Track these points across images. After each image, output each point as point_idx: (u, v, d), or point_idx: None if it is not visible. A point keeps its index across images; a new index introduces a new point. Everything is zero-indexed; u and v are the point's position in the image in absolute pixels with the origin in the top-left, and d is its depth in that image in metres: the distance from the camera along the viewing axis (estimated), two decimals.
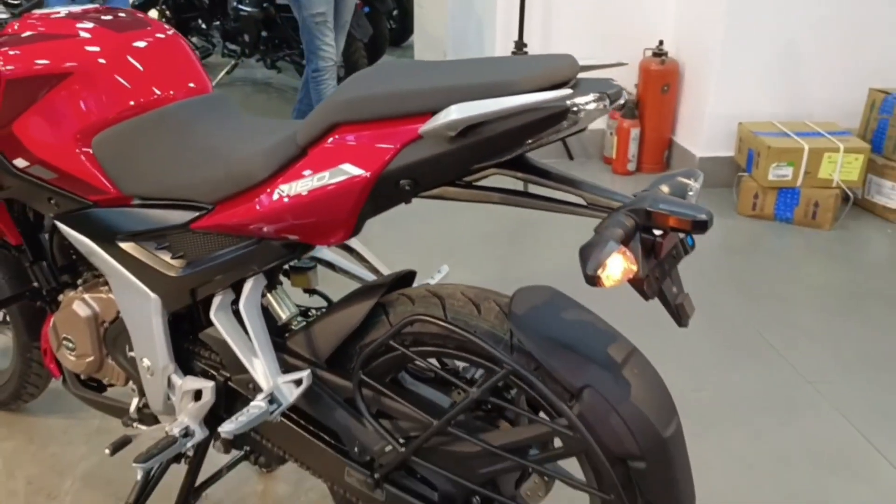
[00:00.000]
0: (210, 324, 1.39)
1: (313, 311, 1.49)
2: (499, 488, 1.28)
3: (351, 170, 1.09)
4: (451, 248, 2.96)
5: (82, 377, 1.66)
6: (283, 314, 1.45)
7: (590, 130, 4.45)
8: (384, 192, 1.11)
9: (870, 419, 2.19)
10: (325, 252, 1.56)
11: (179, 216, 1.33)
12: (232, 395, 1.46)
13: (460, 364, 1.44)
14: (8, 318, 1.94)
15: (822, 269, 3.16)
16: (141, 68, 1.43)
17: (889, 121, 3.58)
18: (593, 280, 0.93)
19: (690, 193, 1.09)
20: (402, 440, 1.26)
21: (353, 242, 1.54)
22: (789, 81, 3.85)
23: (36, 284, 1.68)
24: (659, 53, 4.10)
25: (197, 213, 1.30)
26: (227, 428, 1.21)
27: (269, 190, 1.19)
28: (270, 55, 5.52)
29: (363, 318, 1.29)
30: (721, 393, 2.29)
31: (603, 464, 1.10)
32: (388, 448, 1.28)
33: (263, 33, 5.42)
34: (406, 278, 1.38)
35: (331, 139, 1.12)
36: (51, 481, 1.86)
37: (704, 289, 2.91)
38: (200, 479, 1.65)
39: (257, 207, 1.21)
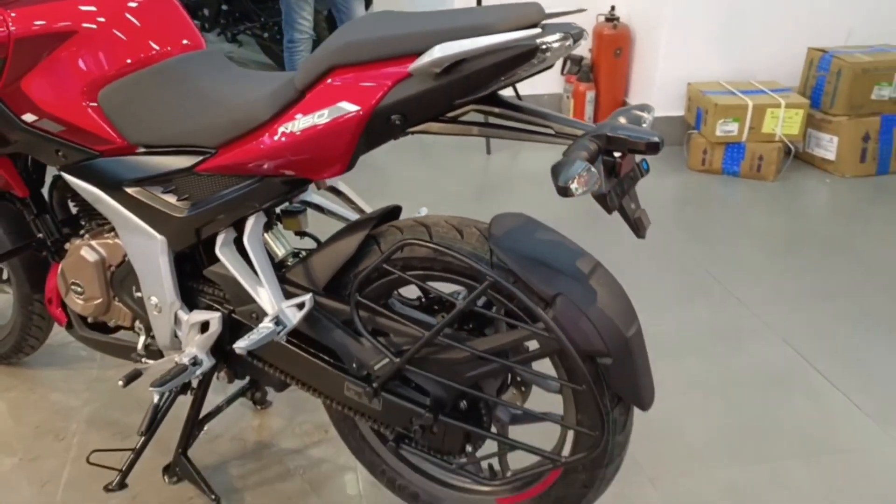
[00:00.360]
0: (213, 262, 1.52)
1: (303, 253, 1.63)
2: (482, 390, 1.44)
3: (347, 107, 1.23)
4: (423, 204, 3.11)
5: (90, 320, 1.78)
6: (280, 251, 1.59)
7: (548, 95, 4.64)
8: (377, 127, 1.25)
9: (809, 344, 2.41)
10: (314, 196, 1.70)
11: (184, 161, 1.45)
12: (236, 327, 1.59)
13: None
14: (6, 276, 2.04)
15: (765, 217, 3.38)
16: (139, 25, 1.54)
17: (826, 78, 3.81)
18: (564, 191, 1.09)
19: (644, 124, 1.25)
20: (395, 353, 1.41)
21: (341, 185, 1.68)
22: (735, 43, 4.05)
23: (41, 236, 1.79)
24: (611, 19, 4.27)
25: (201, 157, 1.43)
26: (241, 345, 1.35)
27: (270, 131, 1.33)
28: (231, 29, 5.57)
29: (356, 248, 1.44)
30: (677, 327, 2.49)
31: (575, 360, 1.26)
32: (384, 361, 1.43)
33: (224, 7, 5.47)
34: (393, 213, 1.53)
35: (328, 80, 1.26)
36: (57, 425, 1.98)
37: (659, 237, 3.11)
38: (203, 414, 1.79)
39: (259, 148, 1.34)
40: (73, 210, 1.79)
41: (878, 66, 3.70)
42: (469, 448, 1.46)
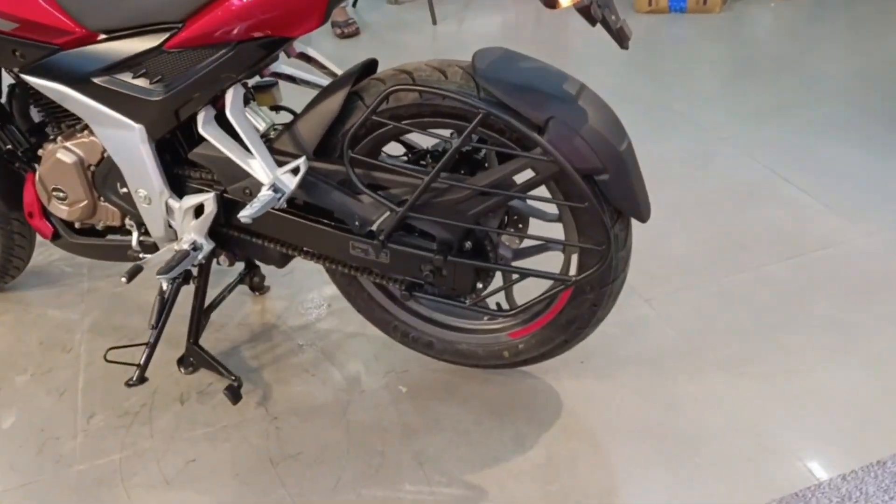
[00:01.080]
0: (197, 144, 1.51)
1: (279, 127, 1.61)
2: (481, 224, 1.48)
3: None
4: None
5: (77, 226, 1.76)
6: (261, 125, 1.58)
7: None
8: None
9: (774, 157, 2.49)
10: (284, 66, 1.67)
11: (151, 41, 1.41)
12: (229, 208, 1.59)
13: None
14: None
15: (715, 47, 3.43)
16: None
17: None
18: (553, 2, 1.10)
19: None
20: (396, 204, 1.43)
21: (311, 51, 1.65)
22: None
23: (10, 147, 1.74)
24: None
25: (168, 34, 1.39)
26: (246, 213, 1.36)
27: None
28: None
29: (340, 106, 1.43)
30: (648, 160, 2.51)
31: (575, 179, 1.30)
32: (386, 214, 1.45)
33: None
34: (370, 67, 1.52)
35: None
36: (61, 338, 1.98)
37: (615, 79, 3.14)
38: (206, 304, 1.80)
39: (228, 11, 1.31)
40: (38, 117, 1.73)
41: None
42: (479, 285, 1.51)
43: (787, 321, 1.84)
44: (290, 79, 1.68)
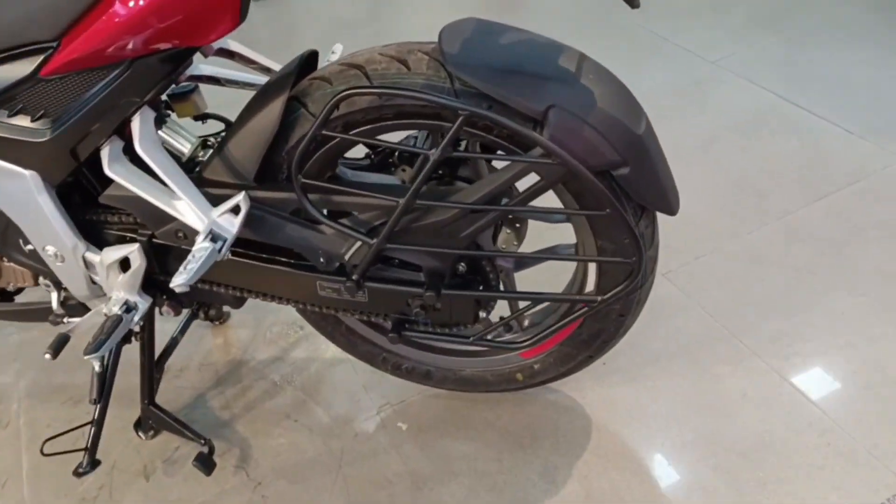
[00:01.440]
0: (108, 183, 1.20)
1: (212, 140, 1.31)
2: (481, 247, 1.21)
3: None
4: (324, 39, 2.72)
5: None
6: (185, 147, 1.27)
7: None
8: None
9: (774, 77, 2.21)
10: (203, 67, 1.35)
11: (21, 67, 1.08)
12: (162, 253, 1.29)
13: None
14: None
15: None
16: None
17: None
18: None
19: None
20: (368, 233, 1.15)
21: (233, 45, 1.33)
22: None
23: None
24: None
25: (42, 56, 1.06)
26: (180, 281, 1.06)
27: None
28: None
29: (279, 117, 1.12)
30: (639, 96, 2.26)
31: (589, 180, 1.02)
32: (356, 245, 1.17)
33: None
34: (310, 62, 1.21)
35: None
36: None
37: (591, 15, 2.81)
38: (157, 352, 1.52)
39: (114, 23, 0.99)
40: None
41: None
42: (483, 314, 1.24)
43: (831, 279, 1.60)
44: (214, 80, 1.36)
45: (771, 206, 1.80)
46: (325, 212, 1.16)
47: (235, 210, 1.12)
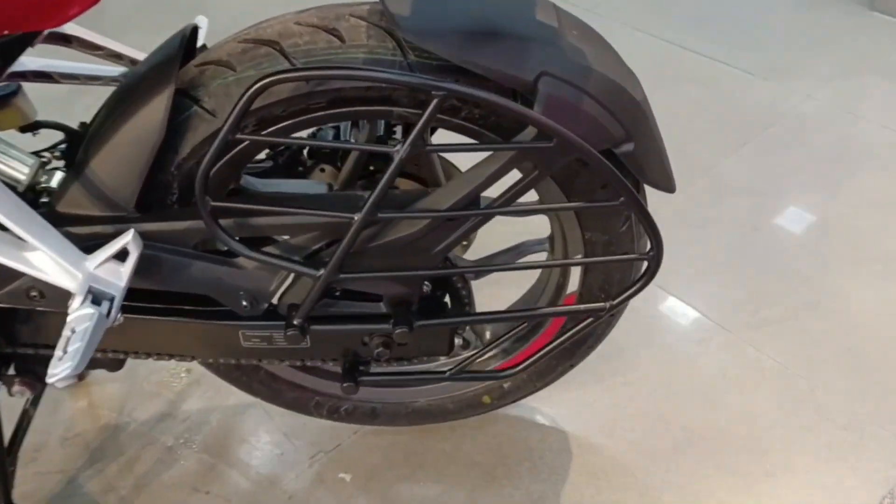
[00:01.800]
0: None
1: (48, 156, 0.96)
2: (454, 262, 0.96)
3: None
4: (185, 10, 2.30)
5: None
6: (21, 173, 0.92)
7: None
8: None
9: (660, 24, 2.09)
10: (26, 61, 0.99)
11: None
12: (7, 316, 0.95)
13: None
14: None
15: None
16: None
17: None
18: None
19: None
20: (307, 260, 0.87)
21: (69, 27, 0.98)
22: None
23: None
24: None
25: None
26: (64, 369, 0.74)
27: None
28: None
29: (165, 119, 0.81)
30: None
31: (597, 160, 0.79)
32: (289, 279, 0.89)
33: None
34: (192, 41, 0.90)
35: None
36: None
37: None
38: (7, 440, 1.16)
39: None
40: None
41: None
42: (459, 340, 0.99)
43: (775, 233, 1.49)
44: (43, 76, 1.01)
45: (699, 161, 1.67)
46: (237, 239, 0.86)
47: (123, 255, 0.81)
